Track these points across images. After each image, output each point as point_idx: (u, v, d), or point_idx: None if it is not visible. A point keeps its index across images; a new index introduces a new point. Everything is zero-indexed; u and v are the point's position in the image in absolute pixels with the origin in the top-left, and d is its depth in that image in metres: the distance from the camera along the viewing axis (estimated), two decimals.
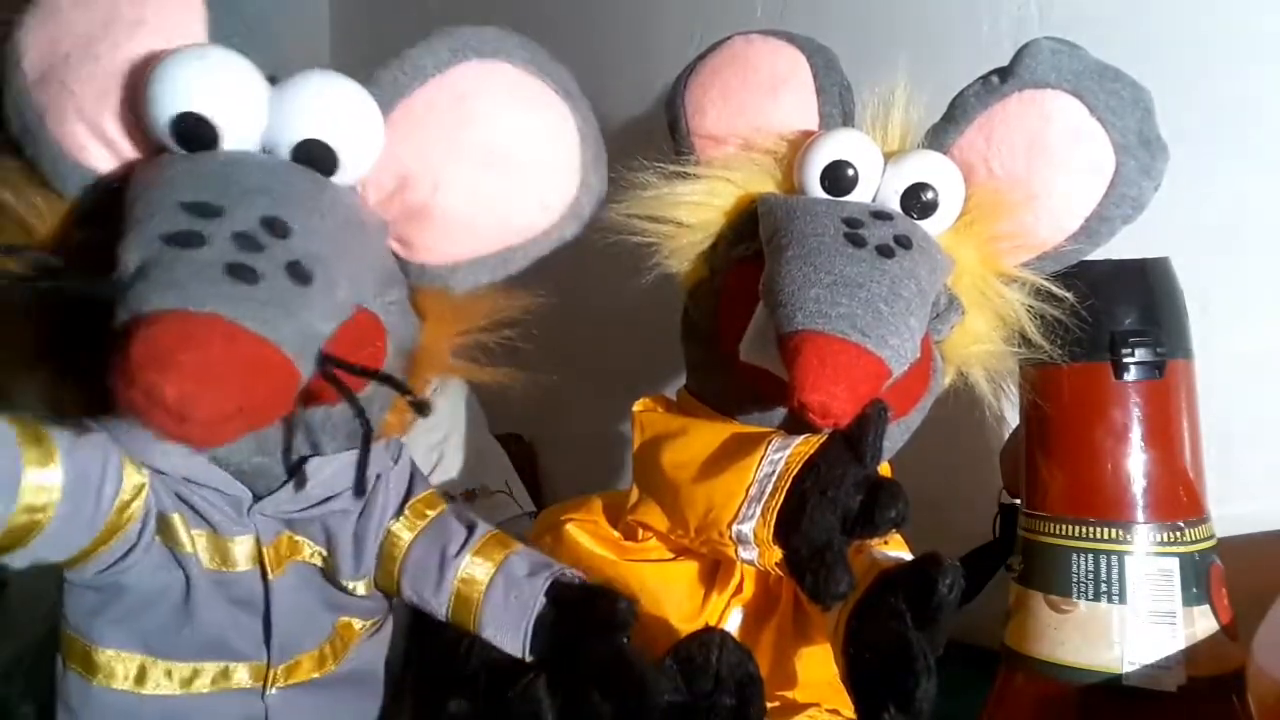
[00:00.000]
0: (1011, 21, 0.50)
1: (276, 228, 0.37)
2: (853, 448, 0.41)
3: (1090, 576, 0.51)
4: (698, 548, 0.49)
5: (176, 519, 0.40)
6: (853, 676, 0.41)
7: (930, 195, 0.48)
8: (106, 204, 0.38)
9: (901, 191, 0.48)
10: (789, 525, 0.41)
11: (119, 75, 0.39)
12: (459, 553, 0.44)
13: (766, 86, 0.52)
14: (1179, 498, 0.51)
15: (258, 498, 0.41)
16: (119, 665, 0.40)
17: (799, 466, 0.43)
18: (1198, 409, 0.53)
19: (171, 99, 0.38)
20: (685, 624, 0.50)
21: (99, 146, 0.39)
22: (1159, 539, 0.50)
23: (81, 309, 0.35)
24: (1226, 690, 0.49)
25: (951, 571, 0.39)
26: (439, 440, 0.68)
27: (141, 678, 0.40)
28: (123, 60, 0.39)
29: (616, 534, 0.53)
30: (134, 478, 0.39)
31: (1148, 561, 0.50)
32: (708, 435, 0.49)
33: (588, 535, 0.53)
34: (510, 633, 0.42)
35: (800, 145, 0.50)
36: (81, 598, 0.40)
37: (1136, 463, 0.51)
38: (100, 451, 0.38)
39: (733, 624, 0.51)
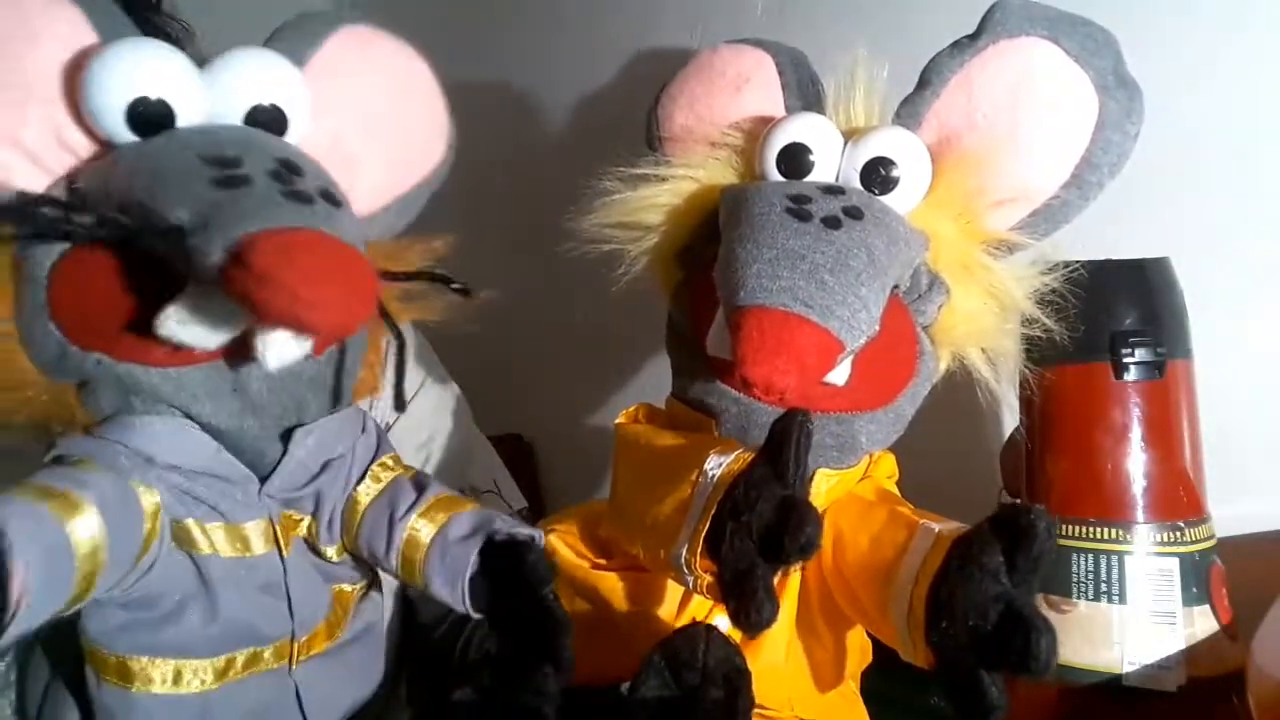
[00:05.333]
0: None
1: (291, 167, 0.39)
2: (774, 465, 0.38)
3: (1090, 576, 0.51)
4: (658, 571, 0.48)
5: (191, 523, 0.41)
6: (950, 652, 0.37)
7: (889, 169, 0.47)
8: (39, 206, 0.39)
9: (860, 168, 0.48)
10: (714, 551, 0.40)
11: (30, 88, 0.39)
12: (406, 514, 0.46)
13: (731, 86, 0.53)
14: (1179, 498, 0.51)
15: (262, 480, 0.43)
16: (155, 671, 0.41)
17: (725, 488, 0.41)
18: (1198, 409, 0.53)
19: (123, 87, 0.39)
20: (667, 627, 0.49)
21: (20, 161, 0.39)
22: (1159, 539, 0.50)
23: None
24: (1226, 690, 0.49)
25: (1044, 515, 0.36)
26: (425, 440, 0.68)
27: (178, 679, 0.41)
28: (30, 74, 0.39)
29: (588, 551, 0.53)
30: (148, 498, 0.40)
31: (1148, 561, 0.50)
32: (660, 452, 0.48)
33: (565, 546, 0.53)
34: (449, 591, 0.44)
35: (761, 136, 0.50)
36: (109, 616, 0.41)
37: (1136, 463, 0.51)
38: (114, 475, 0.39)
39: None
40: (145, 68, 0.39)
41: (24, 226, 0.38)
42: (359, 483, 0.47)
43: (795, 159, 0.48)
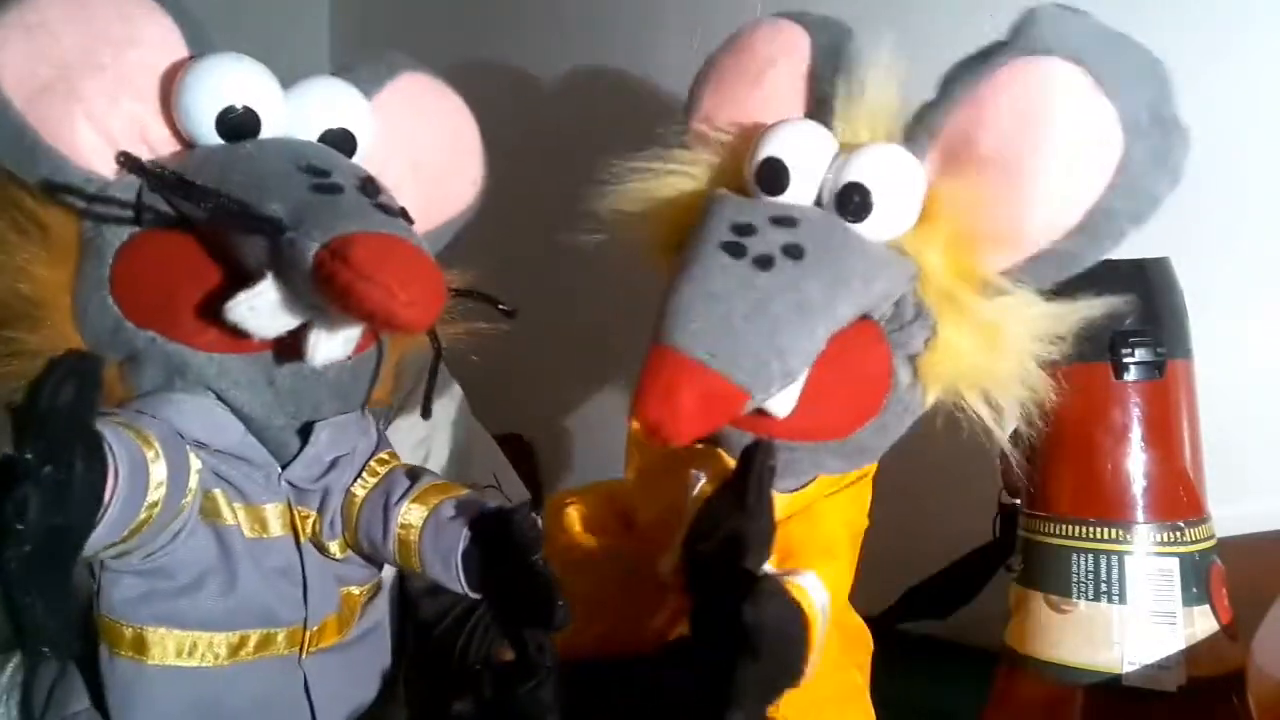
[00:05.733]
0: (1014, 15, 0.49)
1: (373, 184, 0.42)
2: (737, 492, 0.38)
3: (1090, 576, 0.51)
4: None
5: (218, 494, 0.43)
6: None
7: (864, 196, 0.44)
8: (128, 197, 0.42)
9: (837, 192, 0.45)
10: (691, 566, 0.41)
11: (125, 82, 0.42)
12: (400, 501, 0.47)
13: (756, 70, 0.50)
14: (1179, 498, 0.51)
15: (282, 467, 0.45)
16: (170, 642, 0.42)
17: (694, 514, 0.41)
18: (1198, 409, 0.53)
19: (218, 94, 0.42)
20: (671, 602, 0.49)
21: (105, 147, 0.42)
22: (1159, 539, 0.50)
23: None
24: (1226, 690, 0.49)
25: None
26: (425, 436, 0.68)
27: (192, 651, 0.43)
28: (127, 71, 0.42)
29: (608, 521, 0.53)
30: (194, 462, 0.42)
31: (1148, 561, 0.50)
32: (659, 462, 0.48)
33: (579, 519, 0.53)
34: (444, 571, 0.45)
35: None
36: (126, 586, 0.42)
37: (1136, 463, 0.51)
38: (176, 439, 0.41)
39: None
40: (239, 79, 0.43)
41: (100, 206, 0.41)
42: (357, 478, 0.48)
43: (773, 175, 0.46)
